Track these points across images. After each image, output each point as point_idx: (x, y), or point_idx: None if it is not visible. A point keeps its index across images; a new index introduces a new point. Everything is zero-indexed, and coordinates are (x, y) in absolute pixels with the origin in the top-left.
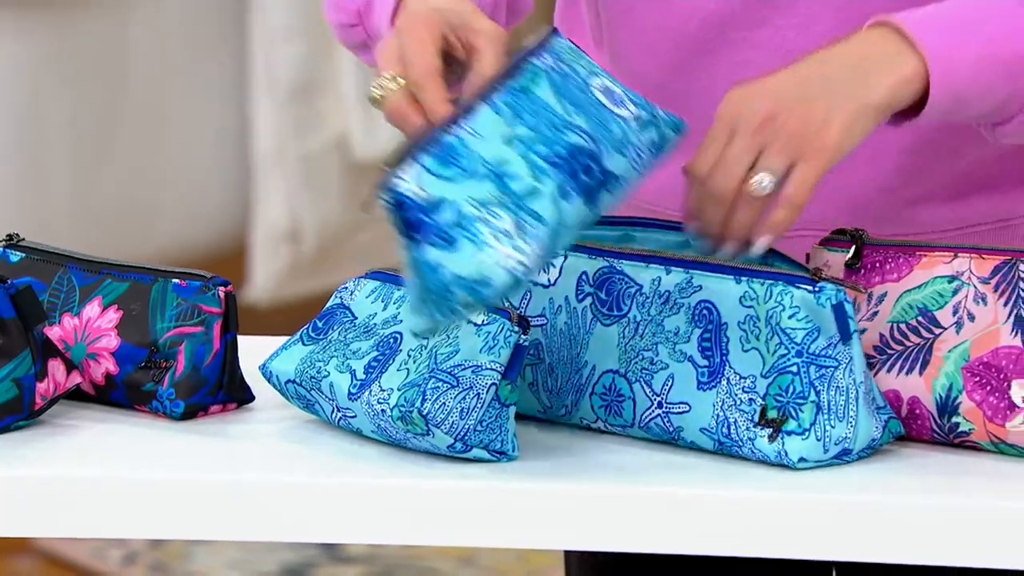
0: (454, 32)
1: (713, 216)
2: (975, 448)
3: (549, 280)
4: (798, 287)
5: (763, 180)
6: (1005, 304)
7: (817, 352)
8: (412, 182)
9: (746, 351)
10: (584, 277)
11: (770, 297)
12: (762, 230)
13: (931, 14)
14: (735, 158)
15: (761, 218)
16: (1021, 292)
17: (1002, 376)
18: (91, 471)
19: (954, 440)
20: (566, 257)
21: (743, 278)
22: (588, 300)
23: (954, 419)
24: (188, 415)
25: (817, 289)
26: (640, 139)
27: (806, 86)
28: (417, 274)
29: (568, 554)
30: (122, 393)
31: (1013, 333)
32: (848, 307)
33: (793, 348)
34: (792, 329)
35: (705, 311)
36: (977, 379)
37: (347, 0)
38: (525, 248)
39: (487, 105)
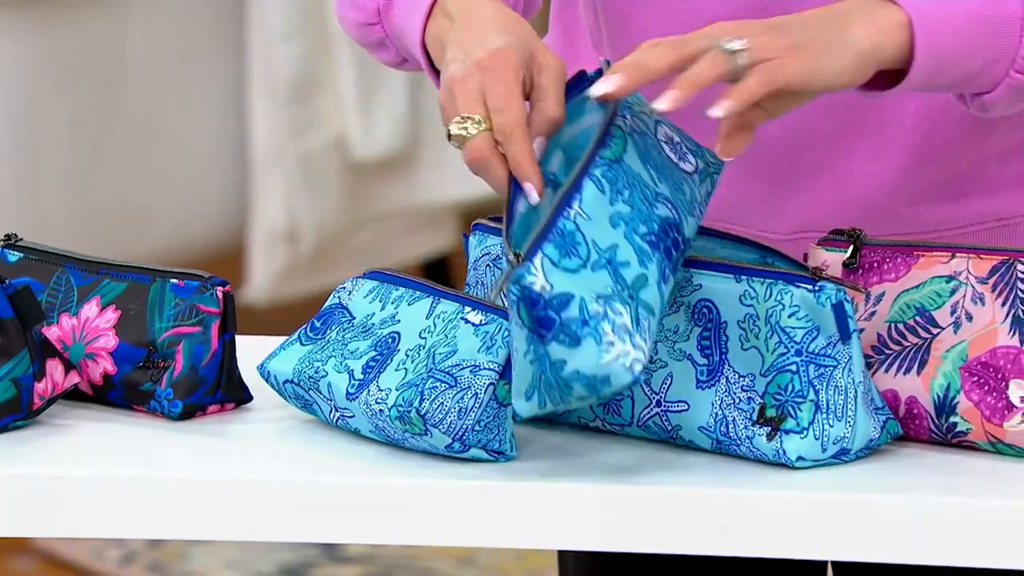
0: (525, 67)
1: (666, 58)
2: (973, 448)
3: None
4: (798, 286)
5: (735, 42)
6: (1003, 304)
7: (816, 351)
8: (540, 276)
9: (745, 350)
10: None
11: (770, 296)
12: (726, 94)
13: None
14: (706, 33)
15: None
16: (1019, 292)
17: (1000, 376)
18: (89, 471)
19: (952, 440)
20: None
21: (743, 277)
22: None
23: (952, 419)
24: (186, 415)
25: (817, 288)
26: (701, 193)
27: (788, 20)
28: (538, 365)
29: (563, 554)
30: (120, 393)
31: (1011, 333)
32: (848, 306)
33: (792, 347)
34: (791, 328)
35: (704, 310)
36: (975, 379)
37: None
38: (641, 345)
39: (590, 181)
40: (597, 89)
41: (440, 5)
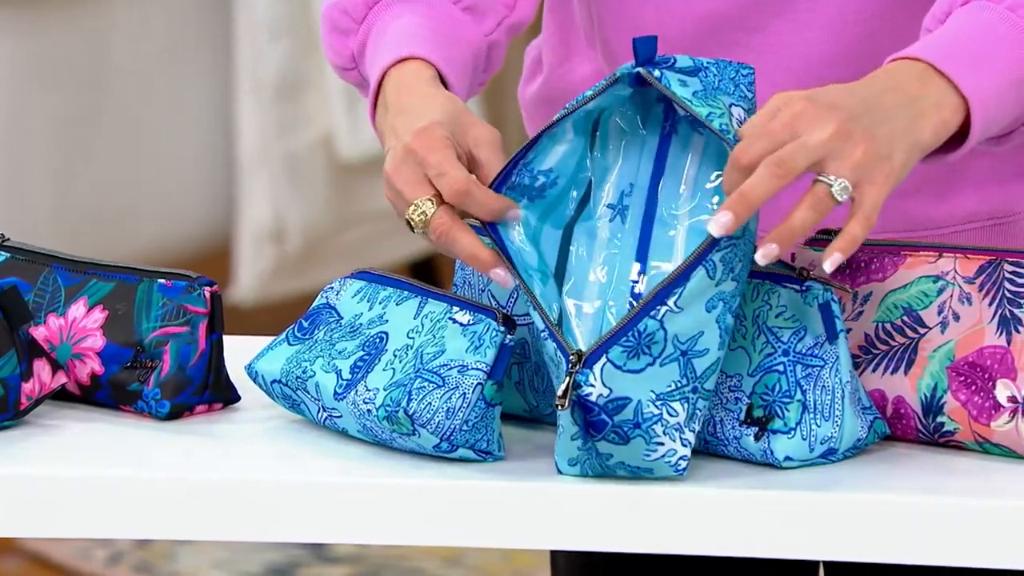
0: (456, 141)
1: (765, 186)
2: (960, 448)
3: None
4: (785, 286)
5: (843, 184)
6: (990, 304)
7: (804, 351)
8: (599, 385)
9: (732, 350)
10: None
11: (757, 296)
12: (836, 245)
13: (951, 43)
14: (807, 146)
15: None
16: (1006, 292)
17: (987, 376)
18: (76, 471)
19: (939, 440)
20: None
21: None
22: None
23: (939, 419)
24: (174, 415)
25: (804, 288)
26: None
27: (871, 113)
28: (584, 451)
29: (554, 554)
30: (107, 393)
31: (998, 332)
32: (835, 306)
33: (780, 347)
34: (779, 328)
35: None
36: (962, 379)
37: (341, 45)
38: (690, 437)
39: (703, 268)
40: (714, 230)
41: (381, 95)
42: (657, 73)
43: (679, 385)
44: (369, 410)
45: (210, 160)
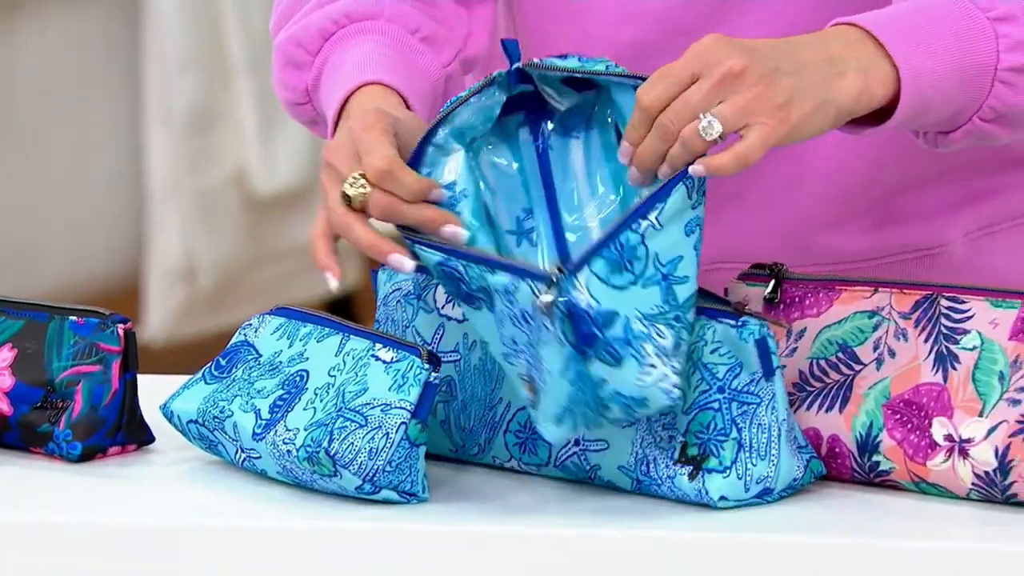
0: (395, 126)
1: (654, 148)
2: (896, 488)
3: (464, 315)
4: (720, 321)
5: (712, 125)
6: (926, 340)
7: (739, 388)
8: (585, 292)
9: None
10: None
11: (692, 331)
12: (700, 162)
13: (896, 15)
14: (692, 103)
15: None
16: (942, 328)
17: (923, 414)
18: None
19: (875, 479)
20: None
21: None
22: None
23: (875, 458)
24: (86, 457)
25: (740, 324)
26: None
27: (781, 60)
28: (576, 384)
29: None
30: (17, 435)
31: (934, 370)
32: (771, 342)
33: (715, 384)
34: (714, 364)
35: None
36: (898, 417)
37: (294, 79)
38: (678, 368)
39: (683, 185)
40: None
41: (344, 116)
42: (536, 61)
43: (662, 310)
44: (289, 451)
45: (119, 194)
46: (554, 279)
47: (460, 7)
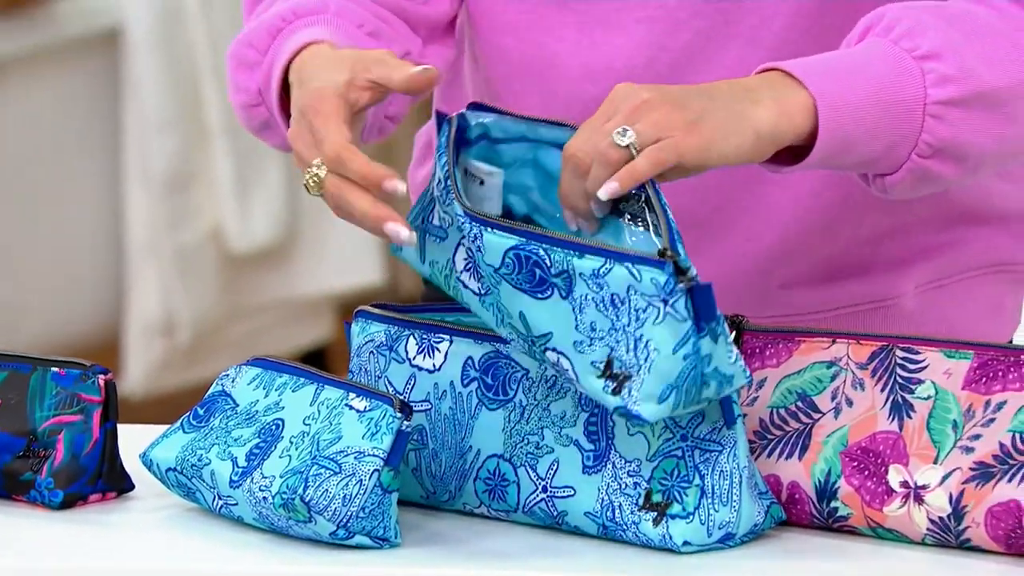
0: (348, 89)
1: (569, 183)
2: (854, 532)
3: (434, 365)
4: None
5: (626, 132)
6: (882, 390)
7: (702, 436)
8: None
9: (631, 435)
10: (470, 362)
11: None
12: (615, 175)
13: (818, 59)
14: (604, 131)
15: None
16: (898, 378)
17: (880, 461)
18: None
19: (833, 525)
20: (451, 342)
21: None
22: (474, 385)
23: (833, 504)
24: (67, 504)
25: None
26: None
27: (692, 91)
28: (691, 360)
29: None
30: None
31: (890, 419)
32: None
33: (678, 432)
34: (678, 414)
35: None
36: (855, 464)
37: (246, 80)
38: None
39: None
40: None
41: (290, 77)
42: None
43: None
44: (265, 497)
45: (100, 251)
46: (671, 259)
47: (414, 35)
